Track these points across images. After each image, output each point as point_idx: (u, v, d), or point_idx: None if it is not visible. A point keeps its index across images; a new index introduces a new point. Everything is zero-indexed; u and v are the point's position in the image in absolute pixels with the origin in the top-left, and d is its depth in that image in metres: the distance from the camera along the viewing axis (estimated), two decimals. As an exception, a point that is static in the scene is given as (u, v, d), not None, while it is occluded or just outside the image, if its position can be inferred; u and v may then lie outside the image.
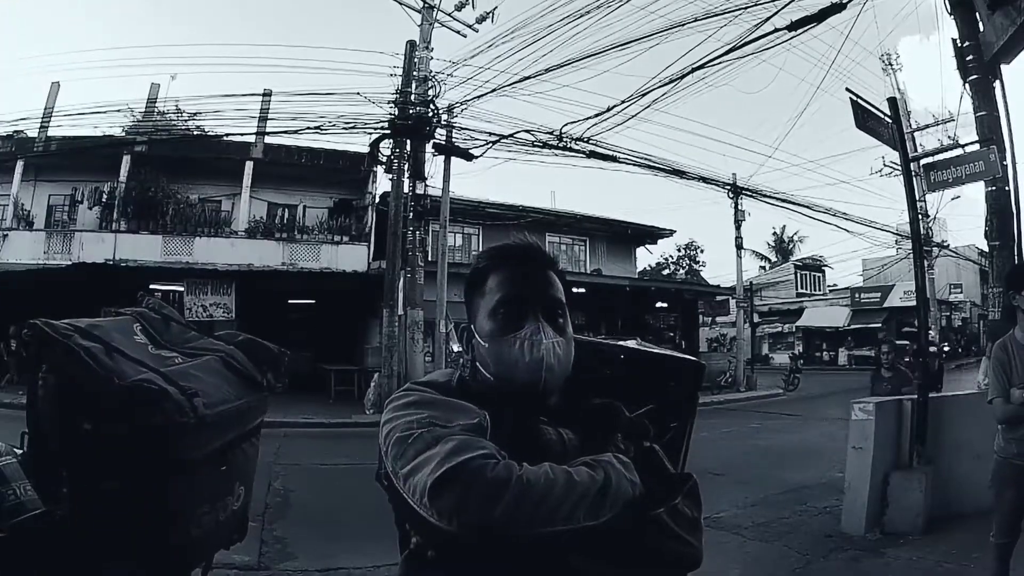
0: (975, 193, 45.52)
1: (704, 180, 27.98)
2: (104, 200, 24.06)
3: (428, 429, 1.43)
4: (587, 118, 19.58)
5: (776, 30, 13.62)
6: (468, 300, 1.76)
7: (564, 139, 20.37)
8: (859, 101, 8.62)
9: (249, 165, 25.06)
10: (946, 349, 35.64)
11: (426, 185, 21.61)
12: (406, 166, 21.13)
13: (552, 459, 1.43)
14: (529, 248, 1.75)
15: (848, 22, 24.76)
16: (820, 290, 52.20)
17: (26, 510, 2.00)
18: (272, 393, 2.64)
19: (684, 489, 1.55)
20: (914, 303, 9.44)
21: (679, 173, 26.07)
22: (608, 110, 18.74)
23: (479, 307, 1.70)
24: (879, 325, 45.41)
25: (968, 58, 9.12)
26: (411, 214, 21.16)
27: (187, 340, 2.59)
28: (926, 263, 27.11)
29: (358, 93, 20.42)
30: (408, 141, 21.05)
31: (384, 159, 21.69)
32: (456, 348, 21.21)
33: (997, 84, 9.04)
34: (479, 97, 20.70)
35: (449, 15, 22.02)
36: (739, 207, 31.61)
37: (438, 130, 21.32)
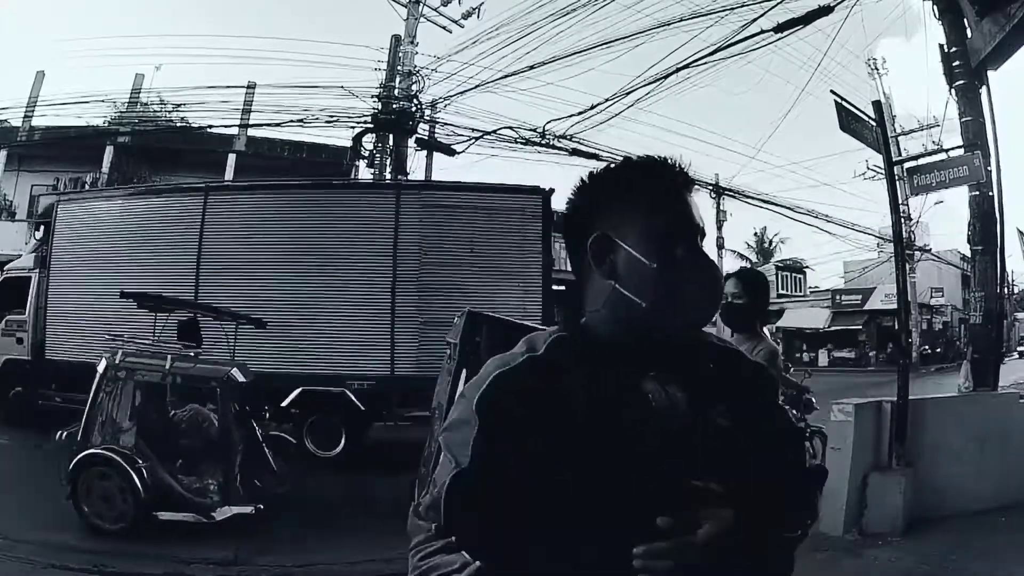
0: (957, 198, 45.74)
1: (687, 179, 27.89)
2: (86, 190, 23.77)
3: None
4: (570, 115, 19.57)
5: (762, 32, 13.65)
6: (605, 207, 1.48)
7: (547, 136, 20.34)
8: (843, 103, 8.61)
9: (232, 157, 24.93)
10: None
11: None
12: (388, 160, 21.11)
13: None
14: (686, 170, 1.51)
15: (834, 25, 24.88)
16: (801, 292, 52.52)
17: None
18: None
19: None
20: (895, 306, 9.44)
21: (662, 172, 26.02)
22: (592, 108, 18.75)
23: (630, 220, 1.44)
24: (859, 327, 45.62)
25: (955, 64, 9.15)
26: (392, 209, 21.11)
27: None
28: (908, 266, 27.25)
29: (342, 87, 20.40)
30: (391, 136, 21.01)
31: (366, 153, 21.65)
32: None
33: (983, 90, 9.08)
34: (463, 93, 20.71)
35: (435, 10, 22.05)
36: (721, 207, 31.71)
37: (421, 125, 21.31)
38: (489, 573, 1.26)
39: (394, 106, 20.67)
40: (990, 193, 8.85)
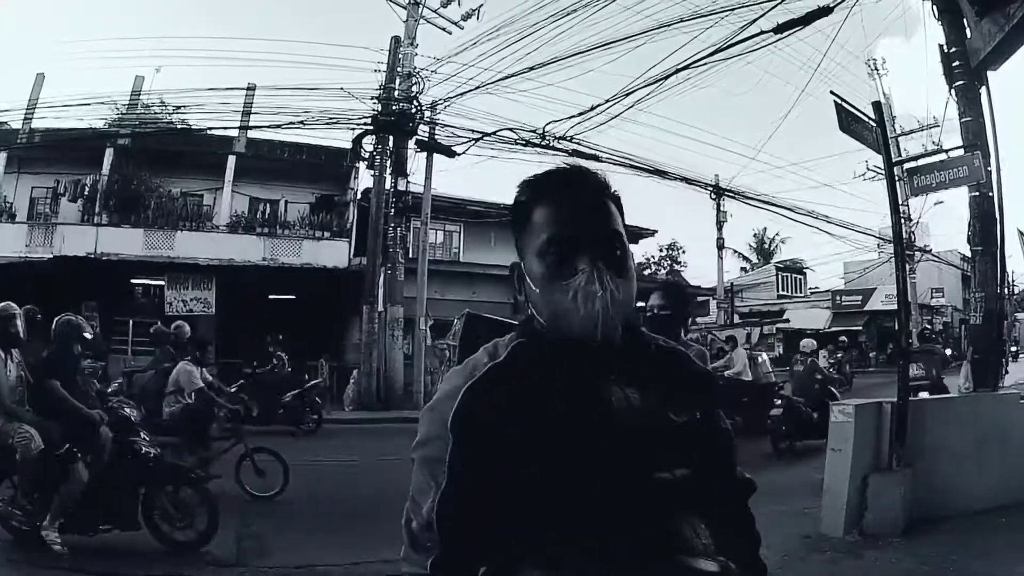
0: (957, 199, 45.62)
1: (686, 180, 28.00)
2: (86, 193, 23.86)
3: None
4: (570, 117, 19.60)
5: (762, 32, 13.66)
6: (515, 234, 1.55)
7: (547, 138, 20.36)
8: (843, 104, 8.60)
9: (231, 159, 24.92)
10: None
11: (408, 181, 21.62)
12: (388, 162, 21.13)
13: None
14: (576, 174, 1.55)
15: (834, 26, 24.88)
16: (801, 292, 52.42)
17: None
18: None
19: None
20: (895, 307, 9.43)
21: (661, 173, 26.05)
22: (591, 109, 18.78)
23: (526, 245, 1.50)
24: (860, 328, 45.54)
25: (955, 64, 9.14)
26: (392, 210, 21.19)
27: None
28: (908, 267, 27.20)
29: (342, 88, 20.37)
30: (391, 137, 21.02)
31: (366, 155, 21.67)
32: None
33: (983, 90, 9.07)
34: (462, 94, 20.73)
35: (435, 11, 22.08)
36: (721, 208, 31.74)
37: (421, 127, 21.33)
38: None
39: (394, 108, 20.69)
40: (990, 193, 8.84)
